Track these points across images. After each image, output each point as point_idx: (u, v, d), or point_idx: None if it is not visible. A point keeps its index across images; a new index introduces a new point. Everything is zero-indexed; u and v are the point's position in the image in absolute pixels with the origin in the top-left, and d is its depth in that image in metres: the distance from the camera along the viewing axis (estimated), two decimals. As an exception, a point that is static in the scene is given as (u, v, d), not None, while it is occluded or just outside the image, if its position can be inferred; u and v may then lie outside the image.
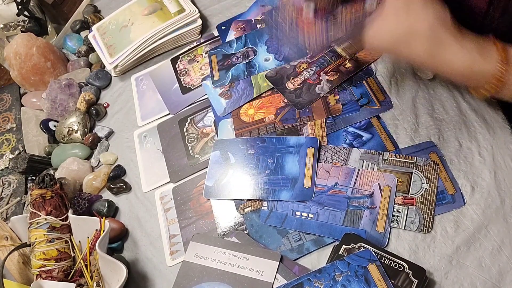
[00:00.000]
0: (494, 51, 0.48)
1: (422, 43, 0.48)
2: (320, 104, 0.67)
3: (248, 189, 0.62)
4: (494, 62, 0.47)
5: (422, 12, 0.48)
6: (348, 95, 0.67)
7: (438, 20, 0.48)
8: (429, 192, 0.56)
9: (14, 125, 0.86)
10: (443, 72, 0.51)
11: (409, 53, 0.50)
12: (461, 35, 0.48)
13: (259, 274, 0.55)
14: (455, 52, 0.48)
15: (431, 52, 0.49)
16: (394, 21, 0.49)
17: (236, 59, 0.75)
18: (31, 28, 0.93)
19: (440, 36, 0.48)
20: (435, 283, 0.51)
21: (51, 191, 0.61)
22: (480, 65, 0.48)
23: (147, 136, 0.76)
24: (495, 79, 0.48)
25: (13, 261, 0.62)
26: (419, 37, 0.48)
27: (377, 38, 0.51)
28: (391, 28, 0.49)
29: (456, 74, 0.50)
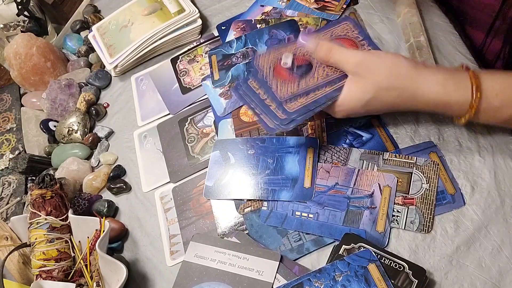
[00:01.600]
0: (467, 79, 0.49)
1: (389, 95, 0.51)
2: (320, 104, 0.67)
3: (248, 189, 0.62)
4: (468, 90, 0.49)
5: (374, 69, 0.51)
6: (348, 95, 0.67)
7: (393, 67, 0.51)
8: (429, 192, 0.56)
9: (14, 125, 0.86)
10: (416, 109, 0.53)
11: (380, 107, 0.53)
12: (425, 70, 0.51)
13: (259, 274, 0.55)
14: (425, 89, 0.50)
15: (403, 97, 0.51)
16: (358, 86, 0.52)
17: (236, 59, 0.75)
18: (31, 28, 0.93)
19: (402, 80, 0.50)
20: (435, 283, 0.51)
21: (51, 191, 0.61)
22: (454, 95, 0.49)
23: (147, 136, 0.76)
24: (471, 108, 0.49)
25: (13, 261, 0.62)
26: (384, 91, 0.51)
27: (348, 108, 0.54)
28: (357, 97, 0.53)
29: (433, 107, 0.52)
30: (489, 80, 0.49)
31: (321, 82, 0.55)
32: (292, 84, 0.56)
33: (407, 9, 0.70)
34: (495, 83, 0.49)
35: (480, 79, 0.49)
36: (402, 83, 0.50)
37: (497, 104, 0.49)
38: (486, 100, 0.48)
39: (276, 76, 0.57)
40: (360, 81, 0.52)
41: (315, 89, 0.55)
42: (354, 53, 0.53)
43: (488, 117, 0.51)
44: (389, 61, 0.51)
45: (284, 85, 0.56)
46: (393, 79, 0.50)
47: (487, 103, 0.49)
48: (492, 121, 0.52)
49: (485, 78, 0.49)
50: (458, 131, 0.60)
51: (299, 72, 0.57)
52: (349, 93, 0.53)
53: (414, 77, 0.50)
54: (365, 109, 0.53)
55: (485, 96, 0.48)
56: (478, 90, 0.48)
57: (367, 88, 0.52)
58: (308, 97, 0.54)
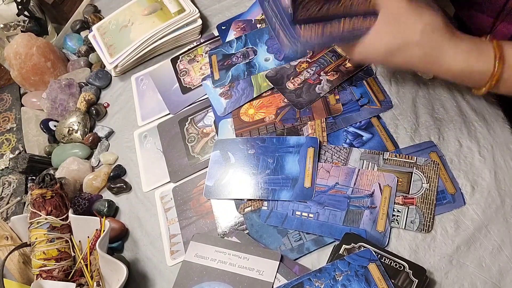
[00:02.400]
0: (490, 49, 0.49)
1: (416, 51, 0.50)
2: (320, 104, 0.67)
3: (248, 189, 0.62)
4: (490, 60, 0.48)
5: (413, 21, 0.49)
6: (348, 95, 0.67)
7: (429, 26, 0.49)
8: (429, 192, 0.56)
9: (14, 125, 0.86)
10: (440, 74, 0.52)
11: (405, 62, 0.51)
12: (456, 37, 0.50)
13: (259, 274, 0.55)
14: (450, 55, 0.49)
15: (426, 58, 0.50)
16: (386, 33, 0.50)
17: (236, 59, 0.76)
18: (31, 28, 0.93)
19: (433, 41, 0.49)
20: (435, 282, 0.51)
21: (51, 191, 0.61)
22: (476, 64, 0.49)
23: (147, 136, 0.76)
24: (492, 77, 0.49)
25: (13, 261, 0.62)
26: (413, 45, 0.49)
27: (370, 51, 0.52)
28: (384, 41, 0.50)
29: (454, 75, 0.51)
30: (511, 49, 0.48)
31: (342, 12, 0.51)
32: (315, 6, 0.51)
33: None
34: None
35: (503, 49, 0.48)
36: (431, 43, 0.49)
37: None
38: (508, 70, 0.48)
39: None
40: (393, 26, 0.49)
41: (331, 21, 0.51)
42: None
43: (508, 87, 0.50)
44: (427, 15, 0.49)
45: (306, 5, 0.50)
46: (424, 36, 0.49)
47: (508, 73, 0.48)
48: None
49: (508, 48, 0.49)
50: (458, 131, 0.60)
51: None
52: (376, 35, 0.50)
53: (443, 41, 0.49)
54: (386, 58, 0.51)
55: (508, 66, 0.48)
56: (501, 60, 0.48)
57: (396, 35, 0.49)
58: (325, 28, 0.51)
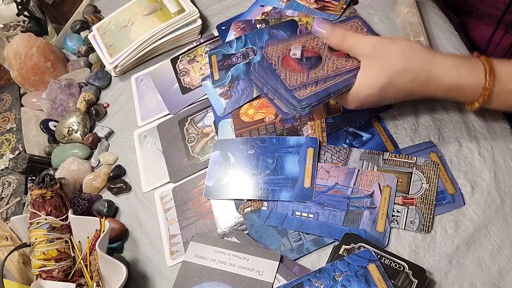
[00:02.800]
0: (479, 64, 0.49)
1: (404, 78, 0.50)
2: (320, 104, 0.67)
3: (248, 189, 0.62)
4: (481, 74, 0.49)
5: (390, 51, 0.50)
6: (348, 95, 0.67)
7: (408, 50, 0.50)
8: (429, 192, 0.56)
9: (14, 125, 0.86)
10: (434, 94, 0.52)
11: (399, 92, 0.52)
12: (440, 55, 0.50)
13: (259, 274, 0.55)
14: (439, 72, 0.50)
15: (417, 82, 0.50)
16: (371, 74, 0.51)
17: (236, 59, 0.75)
18: (31, 28, 0.92)
19: (417, 63, 0.50)
20: (435, 283, 0.51)
21: (51, 191, 0.61)
22: (467, 79, 0.49)
23: (147, 136, 0.76)
24: (485, 91, 0.49)
25: (13, 261, 0.62)
26: (399, 74, 0.50)
27: (364, 96, 0.53)
28: (373, 82, 0.51)
29: (446, 91, 0.51)
30: (501, 64, 0.49)
31: (331, 74, 0.54)
32: (301, 74, 0.55)
33: (407, 9, 0.70)
34: (508, 67, 0.49)
35: (492, 63, 0.49)
36: (416, 65, 0.50)
37: (510, 88, 0.49)
38: (500, 83, 0.48)
39: (285, 66, 0.56)
40: (374, 66, 0.51)
41: (325, 80, 0.54)
42: (368, 38, 0.52)
43: (501, 102, 0.50)
44: (403, 44, 0.51)
45: (293, 75, 0.55)
46: (407, 62, 0.50)
47: (501, 86, 0.48)
48: (505, 106, 0.51)
49: (497, 63, 0.49)
50: (458, 131, 0.60)
51: (308, 64, 0.56)
52: (363, 80, 0.52)
53: (428, 60, 0.50)
54: (380, 96, 0.52)
55: (499, 79, 0.48)
56: (491, 73, 0.48)
57: (381, 72, 0.51)
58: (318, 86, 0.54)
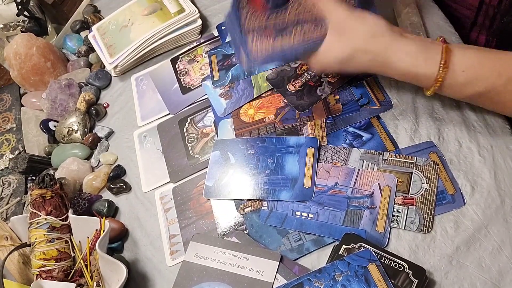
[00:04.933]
0: (438, 53, 0.50)
1: (364, 57, 0.53)
2: (320, 104, 0.67)
3: (248, 189, 0.62)
4: (435, 64, 0.50)
5: (356, 29, 0.52)
6: (348, 95, 0.67)
7: (373, 31, 0.52)
8: (429, 192, 0.56)
9: (14, 125, 0.86)
10: (390, 75, 0.55)
11: (357, 68, 0.55)
12: (403, 39, 0.52)
13: (259, 274, 0.55)
14: (397, 57, 0.51)
15: (375, 62, 0.53)
16: (335, 45, 0.53)
17: (236, 59, 0.75)
18: (31, 28, 0.93)
19: (379, 45, 0.52)
20: (435, 283, 0.51)
21: (51, 191, 0.61)
22: (422, 67, 0.51)
23: (147, 136, 0.76)
24: (435, 81, 0.50)
25: (13, 261, 0.62)
26: (360, 52, 0.52)
27: (325, 62, 0.55)
28: (334, 53, 0.54)
29: (401, 76, 0.54)
30: (460, 55, 0.50)
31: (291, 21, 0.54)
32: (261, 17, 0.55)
33: (407, 9, 0.70)
34: (465, 58, 0.50)
35: (451, 54, 0.50)
36: (377, 47, 0.52)
37: (462, 81, 0.50)
38: (451, 75, 0.50)
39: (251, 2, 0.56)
40: (339, 39, 0.53)
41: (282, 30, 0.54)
42: (340, 9, 0.53)
43: (453, 92, 0.52)
44: (371, 22, 0.52)
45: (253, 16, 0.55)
46: (369, 42, 0.52)
47: (452, 78, 0.50)
48: (457, 96, 0.54)
49: (456, 52, 0.50)
50: (458, 131, 0.60)
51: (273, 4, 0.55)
52: (327, 49, 0.54)
53: (389, 44, 0.51)
54: (340, 67, 0.55)
55: (452, 71, 0.49)
56: (445, 65, 0.49)
57: (344, 47, 0.53)
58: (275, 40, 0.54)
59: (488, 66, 0.49)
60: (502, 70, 0.49)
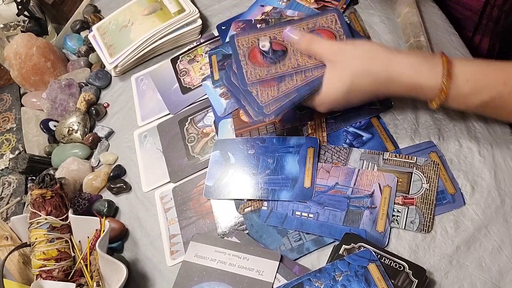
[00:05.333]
0: (439, 64, 0.50)
1: (366, 80, 0.53)
2: (320, 104, 0.67)
3: (248, 189, 0.62)
4: (439, 75, 0.50)
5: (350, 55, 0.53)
6: (348, 95, 0.66)
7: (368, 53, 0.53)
8: (429, 192, 0.56)
9: (14, 125, 0.86)
10: (394, 93, 0.54)
11: (363, 94, 0.55)
12: (401, 54, 0.52)
13: (259, 274, 0.55)
14: (398, 71, 0.51)
15: (378, 83, 0.53)
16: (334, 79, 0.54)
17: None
18: (31, 28, 0.92)
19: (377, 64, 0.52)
20: (435, 283, 0.51)
21: (51, 191, 0.61)
22: (425, 79, 0.51)
23: (147, 136, 0.76)
24: (441, 93, 0.50)
25: (13, 261, 0.62)
26: (361, 76, 0.53)
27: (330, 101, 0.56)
28: (336, 86, 0.54)
29: (405, 90, 0.53)
30: (461, 66, 0.50)
31: (291, 71, 0.57)
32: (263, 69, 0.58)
33: (407, 9, 0.70)
34: (467, 69, 0.50)
35: (452, 65, 0.50)
36: (377, 67, 0.52)
37: (466, 91, 0.50)
38: (455, 86, 0.49)
39: (251, 59, 0.59)
40: (337, 70, 0.54)
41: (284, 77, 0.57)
42: (331, 43, 0.56)
43: (458, 103, 0.52)
44: (364, 47, 0.53)
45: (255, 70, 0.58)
46: (368, 64, 0.52)
47: (456, 89, 0.50)
48: (463, 108, 0.53)
49: (458, 64, 0.50)
50: (458, 131, 0.60)
51: (273, 58, 0.58)
52: (328, 85, 0.55)
53: (388, 61, 0.51)
54: (346, 99, 0.55)
55: (455, 81, 0.49)
56: (449, 75, 0.49)
57: (344, 76, 0.53)
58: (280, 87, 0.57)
59: (492, 75, 0.49)
60: (507, 79, 0.48)
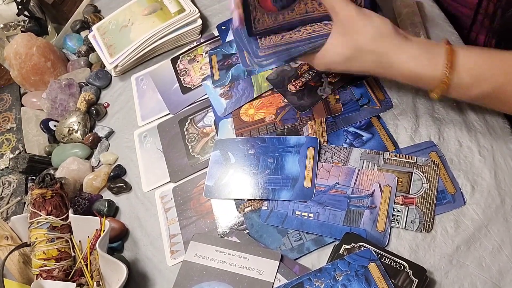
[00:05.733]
0: (442, 54, 0.50)
1: (368, 57, 0.52)
2: (320, 103, 0.67)
3: (249, 189, 0.62)
4: (440, 66, 0.49)
5: (362, 28, 0.52)
6: (348, 94, 0.67)
7: (378, 32, 0.52)
8: (429, 192, 0.56)
9: (14, 125, 0.86)
10: (393, 78, 0.54)
11: (361, 68, 0.54)
12: (407, 41, 0.52)
13: (259, 274, 0.55)
14: (401, 59, 0.51)
15: (379, 63, 0.52)
16: (339, 43, 0.53)
17: (236, 59, 0.75)
18: (31, 28, 0.92)
19: (383, 47, 0.51)
20: (435, 282, 0.51)
21: (52, 191, 0.61)
22: (426, 69, 0.50)
23: (147, 136, 0.76)
24: (441, 83, 0.50)
25: (13, 260, 0.62)
26: (364, 52, 0.52)
27: (329, 60, 0.55)
28: (339, 50, 0.53)
29: (405, 79, 0.53)
30: (464, 56, 0.49)
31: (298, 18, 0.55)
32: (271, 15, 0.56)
33: (407, 9, 0.70)
34: (469, 59, 0.50)
35: (455, 55, 0.49)
36: (382, 48, 0.51)
37: (468, 81, 0.49)
38: (457, 76, 0.49)
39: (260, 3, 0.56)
40: (344, 37, 0.53)
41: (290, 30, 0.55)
42: (348, 8, 0.52)
43: (459, 94, 0.52)
44: (377, 23, 0.52)
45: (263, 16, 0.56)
46: (374, 43, 0.51)
47: (458, 79, 0.49)
48: (464, 98, 0.53)
49: (461, 53, 0.50)
50: (458, 130, 0.60)
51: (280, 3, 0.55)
52: (331, 47, 0.54)
53: (394, 46, 0.51)
54: (344, 66, 0.54)
55: (457, 71, 0.49)
56: (450, 66, 0.49)
57: (349, 45, 0.52)
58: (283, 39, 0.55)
59: (494, 65, 0.49)
60: (508, 69, 0.48)
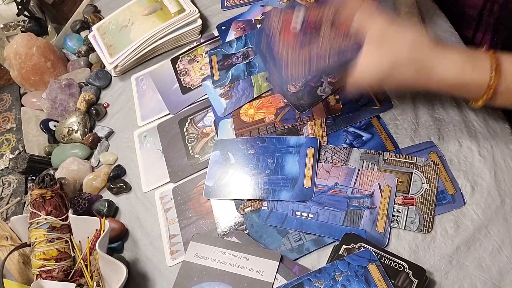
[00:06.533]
0: (486, 60, 0.48)
1: (407, 69, 0.49)
2: (320, 104, 0.67)
3: (248, 189, 0.62)
4: (486, 71, 0.47)
5: (399, 39, 0.49)
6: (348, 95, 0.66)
7: (416, 42, 0.48)
8: (429, 192, 0.56)
9: (14, 125, 0.86)
10: (436, 88, 0.51)
11: (399, 81, 0.50)
12: (446, 49, 0.49)
13: (259, 274, 0.55)
14: (443, 67, 0.48)
15: (419, 74, 0.49)
16: (375, 56, 0.49)
17: (236, 59, 0.75)
18: (31, 28, 0.93)
19: (423, 56, 0.48)
20: (435, 283, 0.51)
21: (51, 191, 0.61)
22: (472, 75, 0.48)
23: (147, 136, 0.76)
24: (489, 88, 0.48)
25: (13, 261, 0.62)
26: (403, 63, 0.49)
27: (363, 78, 0.51)
28: (374, 66, 0.50)
29: (449, 87, 0.50)
30: (506, 60, 0.47)
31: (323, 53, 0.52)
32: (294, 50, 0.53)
33: (407, 9, 0.70)
34: None
35: (500, 60, 0.47)
36: (421, 58, 0.48)
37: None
38: (505, 81, 0.47)
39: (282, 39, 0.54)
40: (381, 48, 0.49)
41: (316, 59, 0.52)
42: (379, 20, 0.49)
43: (505, 99, 0.49)
44: (412, 33, 0.49)
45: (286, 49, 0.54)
46: (414, 51, 0.48)
47: (506, 83, 0.47)
48: (508, 104, 0.50)
49: (504, 59, 0.48)
50: (458, 131, 0.60)
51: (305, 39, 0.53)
52: (366, 62, 0.50)
53: (434, 54, 0.48)
54: (381, 81, 0.51)
55: (504, 76, 0.47)
56: (497, 70, 0.47)
57: (387, 56, 0.49)
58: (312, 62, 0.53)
59: None
60: None
